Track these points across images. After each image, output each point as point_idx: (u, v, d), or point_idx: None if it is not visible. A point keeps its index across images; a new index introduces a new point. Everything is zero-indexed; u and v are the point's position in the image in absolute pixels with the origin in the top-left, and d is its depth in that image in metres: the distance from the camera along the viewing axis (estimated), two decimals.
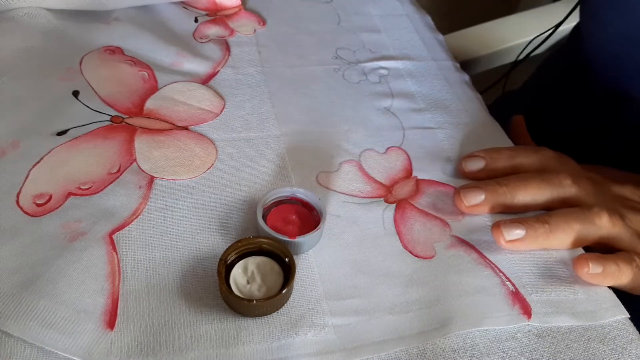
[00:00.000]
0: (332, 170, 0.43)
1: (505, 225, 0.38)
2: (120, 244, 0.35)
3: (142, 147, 0.41)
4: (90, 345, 0.31)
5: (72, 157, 0.39)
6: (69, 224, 0.36)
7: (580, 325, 0.35)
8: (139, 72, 0.47)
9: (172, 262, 0.35)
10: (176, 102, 0.45)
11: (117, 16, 0.51)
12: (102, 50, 0.48)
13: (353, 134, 0.46)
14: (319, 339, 0.33)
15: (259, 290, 0.33)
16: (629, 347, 0.35)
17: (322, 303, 0.34)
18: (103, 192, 0.38)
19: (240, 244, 0.35)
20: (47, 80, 0.45)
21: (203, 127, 0.44)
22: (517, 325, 0.35)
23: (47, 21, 0.49)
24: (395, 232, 0.39)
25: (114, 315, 0.32)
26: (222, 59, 0.51)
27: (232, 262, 0.34)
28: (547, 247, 0.38)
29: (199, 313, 0.33)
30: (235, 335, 0.32)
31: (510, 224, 0.38)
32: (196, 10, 0.55)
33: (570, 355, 0.34)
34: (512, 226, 0.37)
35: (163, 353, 0.31)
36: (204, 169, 0.41)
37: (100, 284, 0.33)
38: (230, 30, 0.54)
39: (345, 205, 0.40)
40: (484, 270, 0.37)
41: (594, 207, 0.38)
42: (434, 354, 0.33)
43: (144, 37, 0.50)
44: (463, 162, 0.43)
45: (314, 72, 0.51)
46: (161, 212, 0.38)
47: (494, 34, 0.79)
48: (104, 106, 0.44)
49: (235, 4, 0.56)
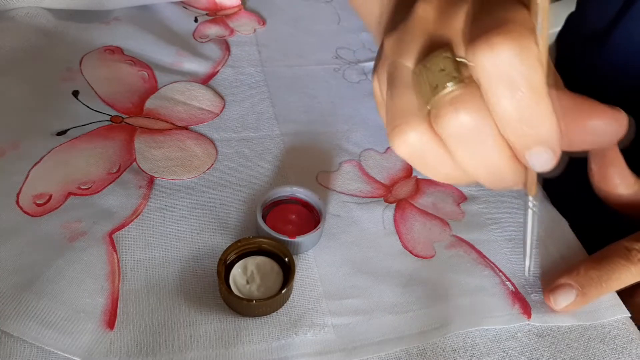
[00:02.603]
0: (332, 170, 0.43)
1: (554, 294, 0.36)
2: (120, 244, 0.35)
3: (142, 147, 0.41)
4: (90, 345, 0.31)
5: (72, 157, 0.39)
6: (69, 224, 0.36)
7: (581, 324, 0.35)
8: (139, 72, 0.47)
9: (171, 262, 0.35)
10: (176, 102, 0.45)
11: (117, 16, 0.51)
12: (102, 50, 0.48)
13: (353, 134, 0.46)
14: (319, 338, 0.33)
15: (259, 290, 0.33)
16: (629, 347, 0.34)
17: (322, 303, 0.34)
18: (103, 192, 0.38)
19: (239, 244, 0.35)
20: (47, 80, 0.45)
21: (203, 127, 0.44)
22: (517, 325, 0.35)
23: (47, 21, 0.49)
24: (395, 232, 0.39)
25: (114, 315, 0.32)
26: (222, 59, 0.51)
27: (231, 262, 0.34)
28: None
29: (199, 313, 0.33)
30: (234, 335, 0.32)
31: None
32: (196, 10, 0.55)
33: (571, 354, 0.34)
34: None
35: (162, 353, 0.31)
36: (204, 169, 0.41)
37: (100, 284, 0.33)
38: (230, 30, 0.54)
39: (345, 205, 0.40)
40: (483, 270, 0.37)
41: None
42: (434, 354, 0.33)
43: (144, 37, 0.50)
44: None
45: (314, 72, 0.51)
46: (161, 212, 0.38)
47: None
48: (104, 106, 0.44)
49: (235, 4, 0.56)
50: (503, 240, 0.39)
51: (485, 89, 0.25)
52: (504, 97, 0.25)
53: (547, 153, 0.26)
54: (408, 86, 0.28)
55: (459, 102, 0.26)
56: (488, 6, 0.26)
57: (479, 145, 0.26)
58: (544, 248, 0.39)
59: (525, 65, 0.24)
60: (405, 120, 0.28)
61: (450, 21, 0.28)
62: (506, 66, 0.24)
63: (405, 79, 0.29)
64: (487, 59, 0.24)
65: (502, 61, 0.24)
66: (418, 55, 0.28)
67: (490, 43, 0.24)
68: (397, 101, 0.28)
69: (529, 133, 0.25)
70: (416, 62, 0.28)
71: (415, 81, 0.28)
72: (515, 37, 0.24)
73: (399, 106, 0.28)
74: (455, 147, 0.27)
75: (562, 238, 0.40)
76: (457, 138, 0.26)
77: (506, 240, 0.39)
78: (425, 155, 0.28)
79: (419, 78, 0.27)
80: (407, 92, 0.28)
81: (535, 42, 0.24)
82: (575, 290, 0.35)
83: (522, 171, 0.28)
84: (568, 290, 0.35)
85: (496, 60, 0.24)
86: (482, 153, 0.27)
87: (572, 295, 0.35)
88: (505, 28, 0.24)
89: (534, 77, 0.24)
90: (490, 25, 0.24)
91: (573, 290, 0.35)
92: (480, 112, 0.26)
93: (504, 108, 0.25)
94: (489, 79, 0.25)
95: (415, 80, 0.28)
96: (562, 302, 0.35)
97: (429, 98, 0.26)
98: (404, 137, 0.28)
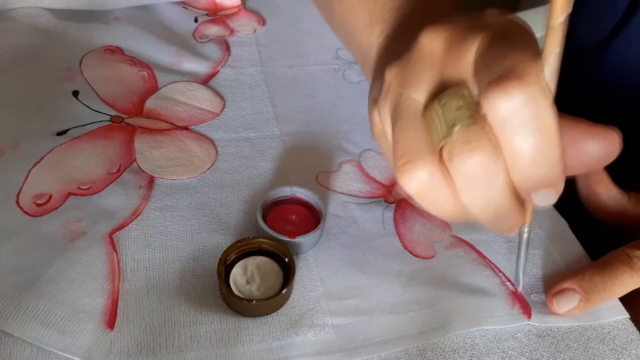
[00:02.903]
0: (332, 170, 0.43)
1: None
2: (120, 244, 0.35)
3: (142, 147, 0.41)
4: (90, 345, 0.31)
5: (72, 157, 0.39)
6: (69, 224, 0.36)
7: (580, 325, 0.35)
8: (139, 72, 0.47)
9: (171, 262, 0.35)
10: (176, 102, 0.45)
11: (117, 16, 0.51)
12: (102, 50, 0.48)
13: (353, 134, 0.46)
14: (319, 339, 0.33)
15: (259, 290, 0.33)
16: (629, 347, 0.35)
17: (322, 303, 0.34)
18: (103, 192, 0.38)
19: (240, 244, 0.35)
20: (47, 80, 0.45)
21: (203, 127, 0.44)
22: (517, 325, 0.35)
23: (47, 21, 0.49)
24: (395, 232, 0.39)
25: (114, 315, 0.32)
26: (222, 59, 0.51)
27: (231, 262, 0.34)
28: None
29: (199, 313, 0.33)
30: (235, 335, 0.32)
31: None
32: (196, 10, 0.55)
33: (570, 355, 0.34)
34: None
35: (163, 353, 0.31)
36: (204, 169, 0.41)
37: (100, 284, 0.33)
38: (230, 30, 0.54)
39: (345, 205, 0.40)
40: (483, 270, 0.37)
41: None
42: (434, 354, 0.33)
43: (144, 37, 0.50)
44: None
45: (314, 72, 0.51)
46: (161, 212, 0.38)
47: None
48: (104, 106, 0.44)
49: (235, 4, 0.56)
50: (503, 240, 0.39)
51: (498, 132, 0.25)
52: (517, 142, 0.25)
53: (552, 193, 0.26)
54: (416, 120, 0.28)
55: (475, 141, 0.26)
56: (500, 46, 0.26)
57: (487, 186, 0.26)
58: (545, 249, 0.39)
59: (540, 111, 0.24)
60: (416, 156, 0.27)
61: (462, 57, 0.27)
62: (521, 112, 0.24)
63: (413, 113, 0.28)
64: (503, 105, 0.24)
65: (517, 107, 0.24)
66: (429, 89, 0.28)
67: (505, 89, 0.24)
68: (406, 135, 0.28)
69: (539, 176, 0.26)
70: (428, 97, 0.28)
71: (429, 118, 0.27)
72: (530, 83, 0.24)
73: (408, 141, 0.28)
74: (464, 187, 0.27)
75: (563, 239, 0.40)
76: (468, 178, 0.26)
77: (506, 240, 0.39)
78: (433, 193, 0.28)
79: (434, 115, 0.27)
80: (416, 126, 0.28)
81: (548, 87, 0.25)
82: (579, 295, 0.35)
83: (522, 215, 0.28)
84: (572, 295, 0.35)
85: (511, 106, 0.24)
86: (489, 194, 0.27)
87: (576, 300, 0.35)
88: (519, 74, 0.24)
89: (547, 123, 0.25)
90: (504, 69, 0.25)
91: (577, 295, 0.35)
92: (493, 154, 0.26)
93: (517, 152, 0.25)
94: (503, 124, 0.25)
95: (429, 117, 0.27)
96: (565, 306, 0.35)
97: (444, 136, 0.26)
98: (415, 173, 0.27)
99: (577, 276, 0.36)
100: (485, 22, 0.28)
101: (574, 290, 0.35)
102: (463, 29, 0.28)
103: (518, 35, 0.27)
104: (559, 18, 0.24)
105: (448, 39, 0.28)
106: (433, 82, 0.28)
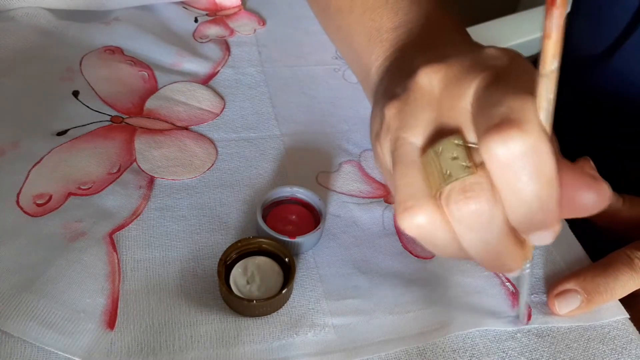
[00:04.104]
0: (332, 170, 0.43)
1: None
2: (120, 244, 0.35)
3: (142, 147, 0.41)
4: (90, 345, 0.31)
5: (72, 157, 0.39)
6: (69, 224, 0.36)
7: (580, 325, 0.35)
8: (139, 72, 0.47)
9: (172, 262, 0.35)
10: (176, 102, 0.45)
11: (117, 16, 0.51)
12: (102, 50, 0.48)
13: (353, 134, 0.46)
14: (319, 338, 0.33)
15: (259, 290, 0.33)
16: (629, 347, 0.35)
17: (322, 303, 0.34)
18: (103, 192, 0.38)
19: (240, 244, 0.35)
20: (47, 80, 0.45)
21: (203, 127, 0.44)
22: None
23: (47, 21, 0.49)
24: (395, 232, 0.39)
25: (114, 315, 0.32)
26: (222, 59, 0.51)
27: (232, 262, 0.34)
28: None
29: (199, 313, 0.33)
30: (235, 335, 0.32)
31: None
32: (196, 10, 0.55)
33: (570, 355, 0.34)
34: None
35: (163, 353, 0.31)
36: (204, 169, 0.41)
37: (100, 284, 0.33)
38: (230, 30, 0.54)
39: (345, 205, 0.40)
40: (483, 270, 0.37)
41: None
42: (434, 354, 0.33)
43: (144, 37, 0.50)
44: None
45: (314, 72, 0.51)
46: (161, 212, 0.38)
47: (494, 33, 0.79)
48: (104, 106, 0.44)
49: (235, 4, 0.56)
50: None
51: (497, 178, 0.25)
52: (517, 188, 0.25)
53: (551, 235, 0.27)
54: (415, 166, 0.28)
55: (470, 190, 0.26)
56: (498, 90, 0.26)
57: (486, 232, 0.27)
58: (545, 249, 0.39)
59: (540, 158, 0.24)
60: (415, 202, 0.28)
61: (459, 100, 0.28)
62: (521, 159, 0.24)
63: (411, 157, 0.28)
64: (502, 152, 0.24)
65: (517, 155, 0.24)
66: (426, 133, 0.28)
67: (504, 137, 0.24)
68: (405, 182, 0.28)
69: (537, 219, 0.26)
70: (425, 141, 0.28)
71: (426, 165, 0.28)
72: (529, 131, 0.24)
73: (408, 187, 0.28)
74: (463, 232, 0.27)
75: (563, 239, 0.40)
76: (466, 224, 0.27)
77: None
78: (433, 236, 0.28)
79: (430, 163, 0.27)
80: (414, 171, 0.28)
81: (546, 132, 0.24)
82: (581, 296, 0.35)
83: (522, 254, 0.28)
84: (573, 296, 0.35)
85: (511, 154, 0.24)
86: (488, 237, 0.27)
87: (577, 301, 0.35)
88: (518, 121, 0.24)
89: (547, 169, 0.25)
90: (503, 116, 0.24)
91: (578, 296, 0.35)
92: (491, 200, 0.26)
93: (516, 197, 0.25)
94: (502, 170, 0.25)
95: (426, 165, 0.28)
96: (566, 307, 0.35)
97: (440, 184, 0.26)
98: (414, 219, 0.28)
99: (578, 277, 0.36)
100: (484, 61, 0.29)
101: (575, 291, 0.35)
102: (460, 70, 0.28)
103: (518, 75, 0.27)
104: (551, 65, 0.24)
105: (445, 79, 0.29)
106: (430, 126, 0.28)
